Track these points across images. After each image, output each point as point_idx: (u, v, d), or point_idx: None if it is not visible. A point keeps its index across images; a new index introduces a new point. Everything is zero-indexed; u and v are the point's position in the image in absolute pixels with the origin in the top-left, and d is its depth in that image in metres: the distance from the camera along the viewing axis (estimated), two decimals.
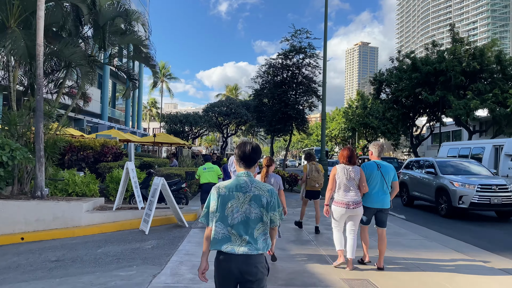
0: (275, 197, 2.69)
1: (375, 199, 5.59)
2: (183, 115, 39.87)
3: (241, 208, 2.61)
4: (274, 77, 21.07)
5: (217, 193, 2.68)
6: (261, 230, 2.64)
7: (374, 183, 5.59)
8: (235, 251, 2.56)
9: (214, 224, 2.64)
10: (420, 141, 43.46)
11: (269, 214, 2.66)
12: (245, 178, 2.70)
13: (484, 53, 29.49)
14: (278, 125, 20.32)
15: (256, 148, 2.79)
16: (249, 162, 2.75)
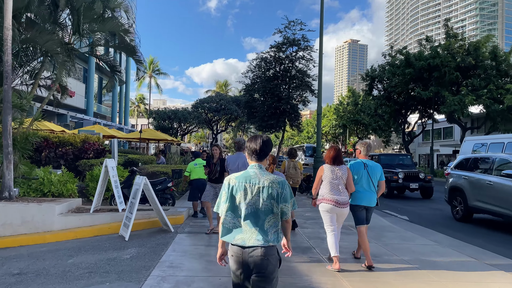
0: (286, 189, 2.68)
1: (363, 197, 5.64)
2: (172, 111, 38.82)
3: (251, 200, 2.64)
4: (266, 71, 20.22)
5: (228, 184, 2.72)
6: (272, 222, 2.65)
7: (361, 182, 5.64)
8: (246, 243, 2.58)
9: (225, 214, 2.69)
10: (412, 138, 43.06)
11: (279, 206, 2.65)
12: (256, 170, 2.72)
13: (479, 48, 29.03)
14: (271, 120, 19.49)
15: (267, 141, 2.79)
16: (261, 155, 2.76)
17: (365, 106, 52.13)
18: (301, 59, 19.60)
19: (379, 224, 9.08)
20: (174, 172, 10.51)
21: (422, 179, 15.55)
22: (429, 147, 53.35)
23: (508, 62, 29.10)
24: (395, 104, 37.40)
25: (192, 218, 9.16)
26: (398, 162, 17.22)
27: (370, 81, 38.60)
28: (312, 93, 19.74)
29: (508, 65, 29.37)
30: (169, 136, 25.07)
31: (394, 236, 7.82)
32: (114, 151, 13.40)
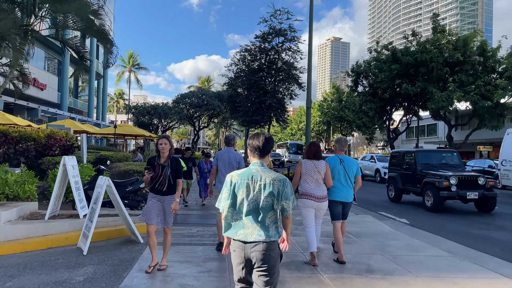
0: (287, 186, 2.71)
1: (339, 193, 5.65)
2: (152, 106, 37.23)
3: (252, 196, 2.68)
4: (251, 63, 19.03)
5: (230, 181, 2.77)
6: (272, 218, 2.69)
7: (338, 177, 5.65)
8: (248, 239, 2.62)
9: (227, 210, 2.74)
10: (397, 135, 42.58)
11: (280, 203, 2.68)
12: (258, 167, 2.75)
13: (467, 44, 28.47)
14: (255, 116, 18.34)
15: (269, 138, 2.83)
16: (263, 152, 2.79)
17: (350, 102, 51.57)
18: (287, 50, 18.49)
19: (380, 230, 8.07)
20: None
21: (482, 186, 11.35)
22: (412, 144, 53.37)
23: (495, 58, 28.63)
24: (380, 100, 36.73)
25: None
26: (441, 161, 13.14)
27: (356, 76, 37.82)
28: (299, 87, 18.67)
29: (495, 61, 28.94)
30: (148, 132, 23.68)
31: (400, 245, 6.80)
32: (82, 148, 12.10)
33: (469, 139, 32.71)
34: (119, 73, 61.56)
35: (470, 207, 12.43)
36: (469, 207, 12.51)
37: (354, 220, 9.02)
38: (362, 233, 7.65)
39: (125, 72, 61.67)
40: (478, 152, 39.54)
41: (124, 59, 60.80)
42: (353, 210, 10.41)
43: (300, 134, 74.19)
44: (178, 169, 5.10)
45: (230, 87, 23.02)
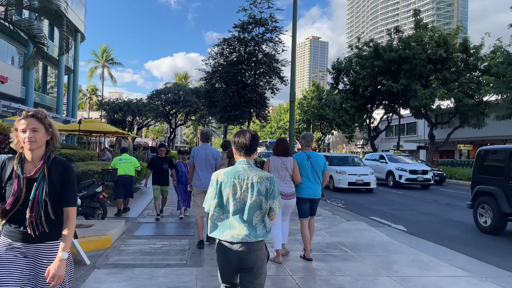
0: (275, 185, 2.62)
1: (307, 189, 5.56)
2: (125, 102, 35.37)
3: (239, 196, 2.59)
4: (229, 54, 17.73)
5: (216, 180, 2.65)
6: (259, 217, 2.60)
7: (305, 173, 5.57)
8: (235, 239, 2.53)
9: (213, 209, 2.63)
10: (377, 133, 42.12)
11: (268, 202, 2.60)
12: (244, 165, 2.66)
13: (448, 41, 27.95)
14: (234, 111, 17.05)
15: (255, 136, 2.74)
16: (249, 150, 2.71)
17: (330, 100, 50.90)
18: (268, 41, 17.27)
19: (378, 240, 6.97)
20: (105, 173, 7.91)
21: None
22: (391, 143, 53.18)
23: (477, 55, 28.24)
24: (361, 98, 36.07)
25: (126, 238, 6.63)
26: None
27: (336, 74, 37.05)
28: (281, 80, 17.48)
29: (477, 59, 28.55)
30: (118, 129, 22.08)
31: (407, 261, 5.69)
32: None
33: (450, 138, 32.41)
34: (91, 68, 59.16)
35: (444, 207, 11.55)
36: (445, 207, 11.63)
37: (347, 228, 7.91)
38: (359, 245, 6.53)
39: (98, 68, 59.26)
40: (458, 151, 39.42)
41: (97, 53, 58.44)
42: (343, 216, 9.32)
43: (280, 133, 73.23)
44: (69, 186, 2.43)
45: (207, 82, 21.64)
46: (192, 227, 7.61)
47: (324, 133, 58.92)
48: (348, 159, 17.52)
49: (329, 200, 12.94)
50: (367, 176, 15.96)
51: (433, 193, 17.24)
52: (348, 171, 15.94)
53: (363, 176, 15.89)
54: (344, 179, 15.75)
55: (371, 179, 15.99)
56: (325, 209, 10.23)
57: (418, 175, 18.37)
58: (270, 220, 2.68)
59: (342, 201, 12.86)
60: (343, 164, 16.72)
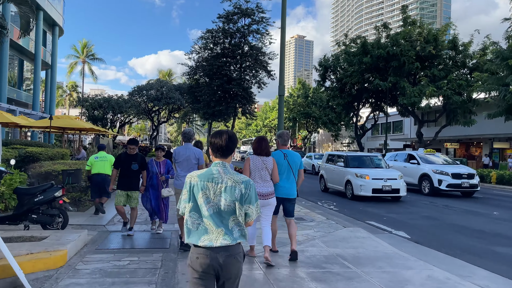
0: (251, 189, 2.50)
1: (282, 189, 5.45)
2: (104, 98, 33.90)
3: (213, 199, 2.47)
4: (214, 46, 16.69)
5: (189, 182, 2.55)
6: (236, 221, 2.50)
7: (281, 172, 5.44)
8: (213, 244, 2.42)
9: (188, 214, 2.52)
10: (364, 132, 41.61)
11: (243, 207, 2.49)
12: (220, 168, 2.54)
13: (437, 37, 27.45)
14: (218, 106, 16.01)
15: (232, 137, 2.62)
16: (226, 151, 2.57)
17: (316, 98, 50.27)
18: (255, 33, 16.29)
19: (382, 251, 6.08)
20: (66, 174, 6.84)
21: None
22: (378, 142, 52.88)
23: (466, 52, 27.82)
24: (348, 96, 35.44)
25: (87, 252, 5.58)
26: None
27: (323, 71, 36.36)
28: (268, 75, 16.52)
29: (465, 56, 28.15)
30: (95, 126, 20.82)
31: (420, 279, 4.80)
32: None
33: (437, 136, 32.06)
34: (71, 64, 57.19)
35: (462, 210, 10.80)
36: (462, 210, 10.89)
37: (344, 235, 7.01)
38: (361, 258, 5.63)
39: (78, 63, 57.38)
40: (444, 150, 39.16)
41: (77, 48, 56.57)
42: (338, 221, 8.43)
43: (265, 131, 72.40)
44: None
45: (190, 78, 20.57)
46: (168, 237, 6.62)
47: (310, 132, 58.28)
48: (369, 159, 14.18)
49: (320, 202, 12.07)
50: (396, 181, 12.74)
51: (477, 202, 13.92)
52: (372, 174, 12.70)
53: (390, 181, 12.68)
54: (367, 184, 12.46)
55: (400, 184, 12.79)
56: (317, 212, 9.33)
57: (463, 179, 14.75)
58: (247, 226, 2.57)
59: (334, 203, 11.99)
60: (363, 165, 13.49)
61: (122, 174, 6.77)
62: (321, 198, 13.42)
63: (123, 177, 6.75)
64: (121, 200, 6.67)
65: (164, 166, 7.01)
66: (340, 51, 35.61)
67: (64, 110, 73.01)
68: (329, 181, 14.76)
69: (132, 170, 6.69)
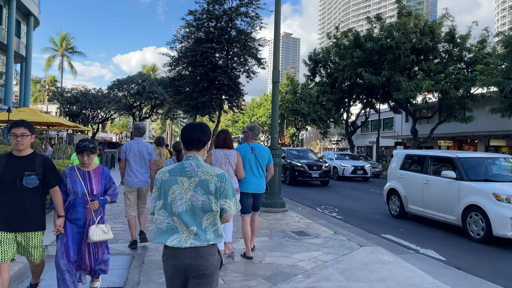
0: (226, 183, 2.36)
1: (251, 184, 5.26)
2: (81, 92, 31.68)
3: (185, 195, 2.32)
4: (197, 30, 14.87)
5: (160, 179, 2.40)
6: (210, 220, 2.34)
7: (249, 166, 5.26)
8: (183, 245, 2.27)
9: (157, 212, 2.36)
10: (355, 129, 40.29)
11: (219, 202, 2.34)
12: (192, 161, 2.40)
13: (434, 29, 26.09)
14: (202, 97, 14.23)
15: (205, 129, 2.49)
16: (199, 144, 2.44)
17: (305, 94, 48.81)
18: (243, 16, 14.51)
19: (420, 285, 4.44)
20: None
21: None
22: (367, 139, 51.70)
23: (464, 45, 26.54)
24: (339, 91, 34.01)
25: None
26: None
27: (314, 65, 34.89)
28: (258, 63, 14.79)
29: (462, 49, 26.89)
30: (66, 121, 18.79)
31: None
32: None
33: (428, 133, 30.92)
34: (49, 58, 54.49)
35: None
36: None
37: (364, 260, 5.35)
38: None
39: (56, 57, 54.72)
40: (437, 147, 38.06)
41: (55, 41, 53.90)
42: (349, 236, 6.78)
43: None
44: None
45: (173, 69, 18.74)
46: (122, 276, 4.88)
47: (298, 129, 56.81)
48: (494, 164, 8.38)
49: (320, 208, 10.43)
50: None
51: None
52: None
53: None
54: None
55: None
56: (321, 224, 7.67)
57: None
58: (225, 222, 2.43)
59: (336, 209, 10.36)
60: (489, 177, 7.86)
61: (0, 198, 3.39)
62: (320, 202, 11.77)
63: (2, 204, 3.38)
64: (6, 255, 3.36)
65: (98, 180, 3.77)
66: (331, 44, 34.19)
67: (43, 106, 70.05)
68: (415, 202, 8.71)
69: (23, 187, 3.39)
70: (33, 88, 63.97)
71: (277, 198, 8.89)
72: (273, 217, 8.17)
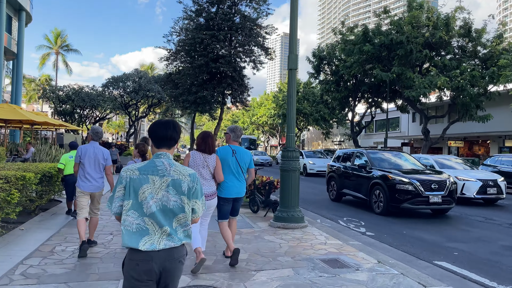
0: (198, 183, 2.35)
1: (232, 188, 5.06)
2: (73, 90, 29.98)
3: (156, 195, 2.23)
4: (197, 16, 13.22)
5: (127, 176, 2.26)
6: (182, 221, 2.28)
7: (230, 170, 5.08)
8: (156, 247, 2.17)
9: (126, 213, 2.22)
10: (361, 129, 38.69)
11: (191, 202, 2.30)
12: (163, 160, 2.32)
13: (449, 22, 24.51)
14: (202, 91, 12.59)
15: (177, 126, 2.42)
16: (170, 141, 2.36)
17: (308, 93, 47.24)
18: (248, 1, 12.88)
19: None
20: None
21: None
22: (372, 140, 50.13)
23: (479, 40, 24.96)
24: (345, 89, 32.45)
25: None
26: None
27: (318, 62, 33.29)
28: (265, 53, 13.17)
29: (476, 44, 25.31)
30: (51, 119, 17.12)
31: None
32: None
33: (438, 133, 29.38)
34: (44, 55, 52.81)
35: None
36: None
37: None
38: None
39: (51, 55, 53.06)
40: (447, 148, 36.50)
41: (50, 38, 52.22)
42: (404, 271, 5.14)
43: (253, 128, 69.05)
44: None
45: (170, 63, 17.13)
46: None
47: (300, 129, 55.17)
48: None
49: (342, 221, 8.79)
50: None
51: None
52: None
53: None
54: None
55: None
56: (355, 246, 6.03)
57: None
58: (193, 223, 2.37)
59: (362, 222, 8.72)
60: None
61: None
62: (336, 212, 10.14)
63: None
64: None
65: None
66: (336, 41, 32.64)
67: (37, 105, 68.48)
68: None
69: None
70: (27, 87, 62.32)
71: (294, 211, 7.27)
72: (291, 236, 6.55)
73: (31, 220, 7.57)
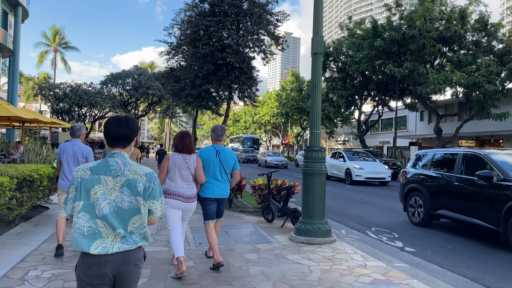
0: (155, 183, 2.22)
1: (215, 189, 4.88)
2: (70, 87, 28.81)
3: (109, 196, 2.12)
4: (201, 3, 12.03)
5: (78, 176, 2.15)
6: (137, 224, 2.15)
7: (213, 170, 4.90)
8: (109, 250, 2.07)
9: (76, 215, 2.12)
10: (368, 128, 37.51)
11: (147, 203, 2.18)
12: (118, 159, 2.20)
13: (465, 15, 23.32)
14: (207, 84, 11.43)
15: (133, 123, 2.26)
16: (122, 140, 2.20)
17: None
18: None
19: None
20: None
21: None
22: (378, 139, 48.90)
23: (495, 35, 23.77)
24: (352, 87, 31.32)
25: None
26: None
27: (324, 58, 32.09)
28: (276, 43, 11.99)
29: (491, 39, 24.13)
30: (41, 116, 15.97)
31: None
32: None
33: (448, 132, 28.18)
34: (42, 53, 51.69)
35: None
36: None
37: None
38: None
39: (49, 52, 51.92)
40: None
41: (48, 35, 51.07)
42: None
43: (255, 128, 67.81)
44: None
45: (171, 57, 15.99)
46: None
47: (303, 128, 53.99)
48: None
49: (372, 232, 7.58)
50: None
51: None
52: None
53: None
54: None
55: None
56: (401, 270, 4.84)
57: None
58: (150, 224, 2.24)
59: (395, 234, 7.52)
60: None
61: None
62: (359, 219, 8.94)
63: None
64: None
65: None
66: (343, 36, 31.53)
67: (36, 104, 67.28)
68: None
69: None
70: (25, 86, 61.18)
71: (320, 223, 6.08)
72: (320, 255, 5.35)
73: (7, 233, 6.43)
